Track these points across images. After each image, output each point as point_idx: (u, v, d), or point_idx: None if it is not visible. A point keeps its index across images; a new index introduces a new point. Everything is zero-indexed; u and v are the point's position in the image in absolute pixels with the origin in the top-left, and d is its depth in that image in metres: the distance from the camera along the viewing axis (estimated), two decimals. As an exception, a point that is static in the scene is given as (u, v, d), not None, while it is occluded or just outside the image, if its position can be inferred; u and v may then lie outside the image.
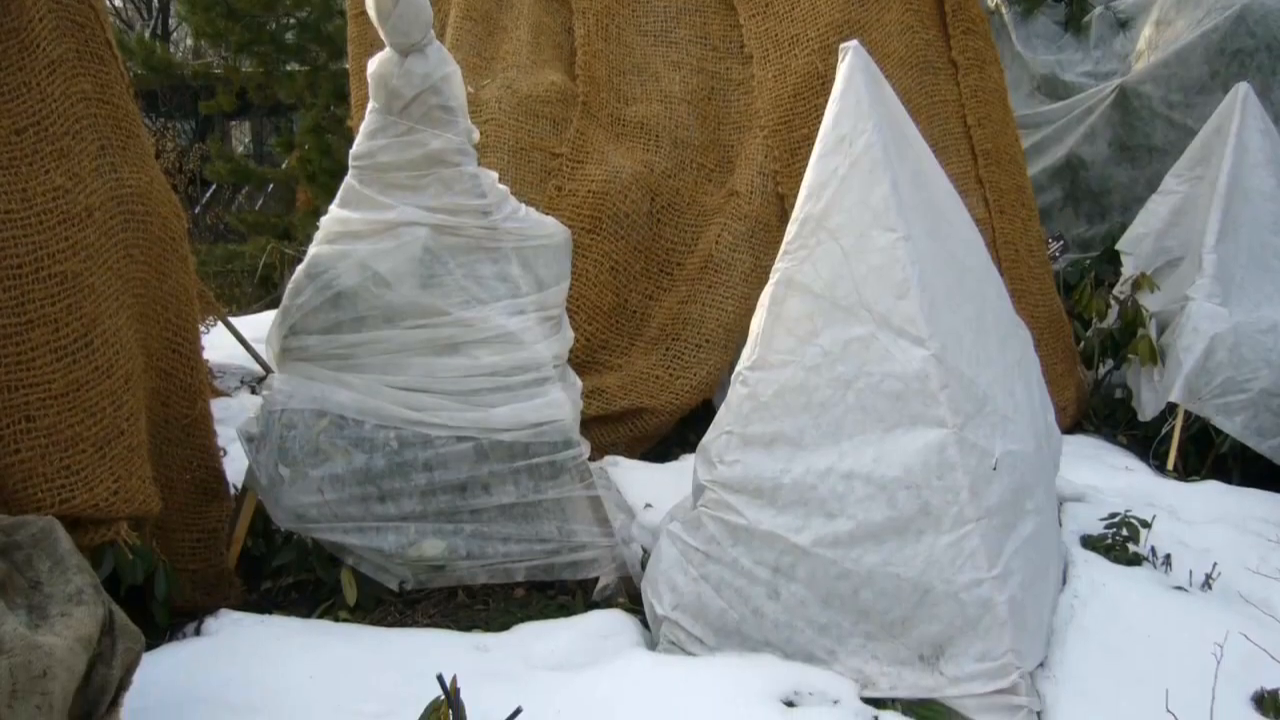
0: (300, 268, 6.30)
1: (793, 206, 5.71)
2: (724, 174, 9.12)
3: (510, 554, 6.35)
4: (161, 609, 5.69)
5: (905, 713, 5.26)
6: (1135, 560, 6.69)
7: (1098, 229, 13.93)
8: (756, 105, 9.08)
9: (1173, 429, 9.29)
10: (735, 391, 5.81)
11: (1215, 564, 6.68)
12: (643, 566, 6.41)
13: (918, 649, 5.30)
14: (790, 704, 5.19)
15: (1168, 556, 6.80)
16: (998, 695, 5.15)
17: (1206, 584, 6.55)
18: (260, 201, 23.24)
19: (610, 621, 6.05)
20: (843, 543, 5.36)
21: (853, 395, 5.41)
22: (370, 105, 6.26)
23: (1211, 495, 8.18)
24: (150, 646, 4.90)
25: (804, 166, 5.77)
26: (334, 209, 6.35)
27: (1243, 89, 9.98)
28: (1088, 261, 11.41)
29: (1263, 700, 5.45)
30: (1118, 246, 10.92)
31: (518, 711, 3.95)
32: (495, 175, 6.44)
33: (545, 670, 5.57)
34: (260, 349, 8.52)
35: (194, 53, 23.75)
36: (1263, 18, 13.15)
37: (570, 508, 6.39)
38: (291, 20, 18.93)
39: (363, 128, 6.30)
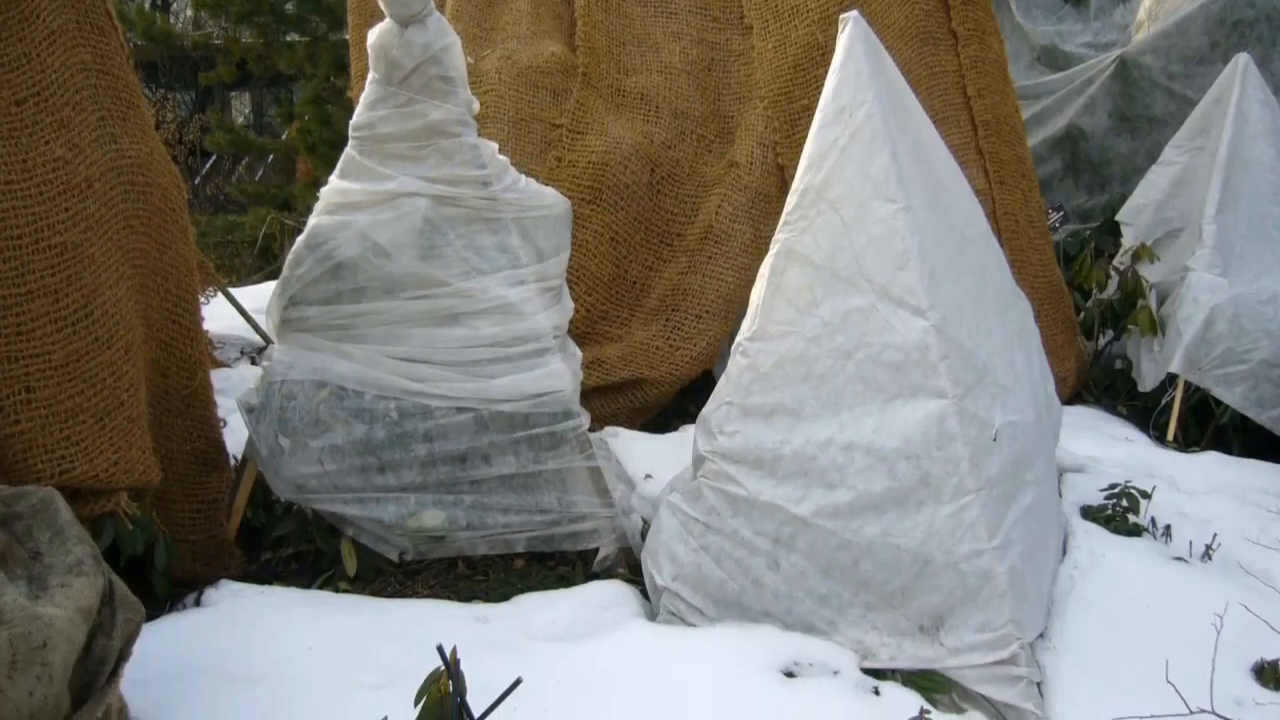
0: (300, 238, 6.30)
1: (793, 177, 5.71)
2: (724, 145, 9.11)
3: (510, 525, 6.36)
4: (161, 580, 5.71)
5: (905, 683, 5.27)
6: (1135, 531, 6.70)
7: (1098, 200, 13.90)
8: (756, 76, 9.06)
9: (1173, 400, 9.30)
10: (735, 362, 5.81)
11: (1215, 535, 6.69)
12: (643, 537, 6.42)
13: (918, 620, 5.31)
14: (790, 674, 5.21)
15: (1168, 527, 6.81)
16: (998, 666, 5.16)
17: (1206, 555, 6.57)
18: (260, 172, 23.22)
19: (610, 592, 6.06)
20: (843, 513, 5.36)
21: (853, 366, 5.41)
22: (370, 76, 6.25)
23: (1211, 466, 8.19)
24: (150, 617, 4.92)
25: (804, 137, 5.77)
26: (334, 180, 6.35)
27: (1243, 60, 9.97)
28: (1088, 232, 11.45)
29: (1263, 671, 5.47)
30: (1118, 217, 10.92)
31: (518, 682, 3.95)
32: (495, 146, 6.44)
33: (545, 641, 5.58)
34: (260, 320, 8.54)
35: (194, 23, 23.66)
36: (1263, -12, 13.15)
37: (570, 478, 6.40)
38: (291, -10, 18.93)
39: (363, 98, 6.30)
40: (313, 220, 6.31)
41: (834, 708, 5.01)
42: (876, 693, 5.17)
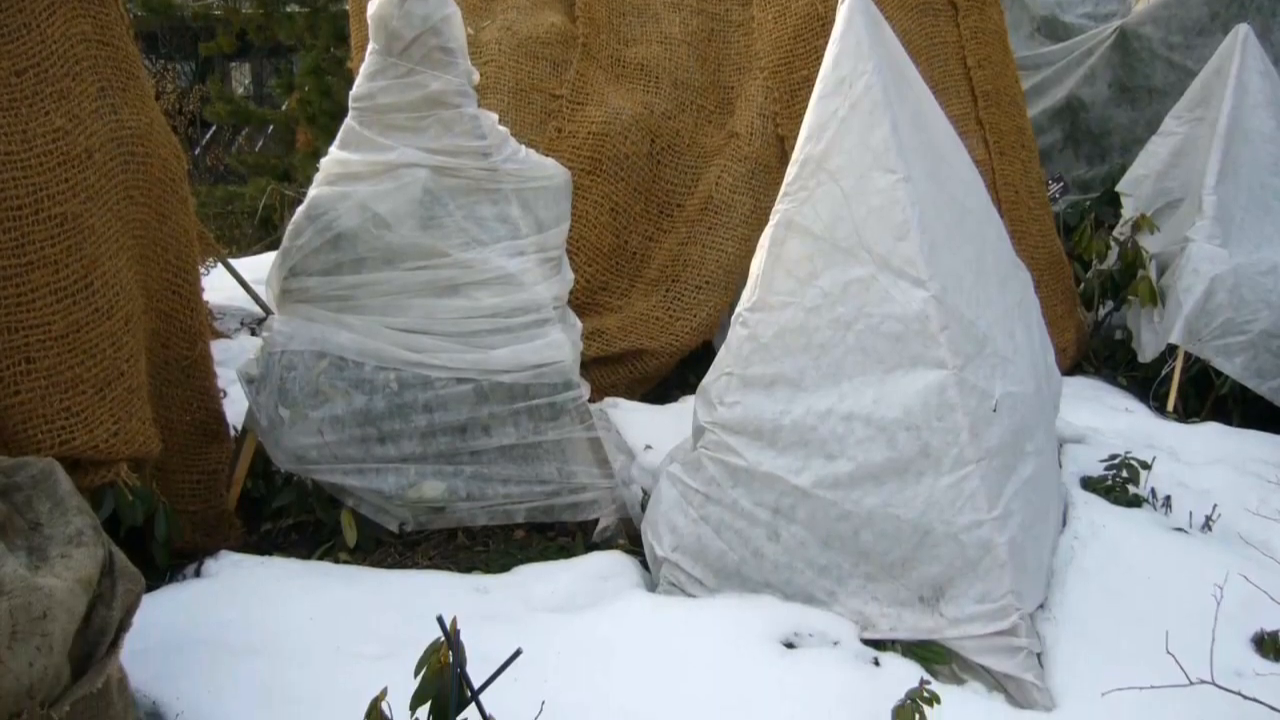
0: (300, 209, 6.29)
1: (793, 148, 5.70)
2: (724, 116, 9.09)
3: (510, 495, 6.37)
4: (161, 550, 5.71)
5: (905, 654, 5.28)
6: (1135, 502, 6.70)
7: (1098, 170, 13.88)
8: (756, 47, 9.04)
9: (1173, 370, 9.30)
10: (735, 333, 5.80)
11: (1215, 505, 6.70)
12: (642, 508, 6.42)
13: (918, 590, 5.32)
14: (790, 645, 5.22)
15: (1168, 498, 6.82)
16: (997, 637, 5.17)
17: (1206, 525, 6.58)
18: (260, 143, 23.14)
19: (610, 563, 6.07)
20: (843, 484, 5.37)
21: (853, 336, 5.40)
22: (370, 47, 6.23)
23: (1211, 437, 8.20)
24: (150, 588, 4.91)
25: (804, 108, 5.75)
26: (334, 150, 6.33)
27: (1243, 30, 9.95)
28: (1088, 203, 11.38)
29: (1263, 641, 5.48)
30: (1118, 188, 10.89)
31: (518, 653, 3.95)
32: (495, 117, 6.42)
33: (545, 611, 5.59)
34: (260, 290, 8.51)
35: (193, -7, 23.67)
36: (1264, -42, 13.12)
37: (570, 449, 6.40)
38: (291, -39, 18.84)
39: (363, 69, 6.28)
40: (313, 191, 6.30)
41: (834, 678, 5.02)
42: (876, 663, 5.19)
